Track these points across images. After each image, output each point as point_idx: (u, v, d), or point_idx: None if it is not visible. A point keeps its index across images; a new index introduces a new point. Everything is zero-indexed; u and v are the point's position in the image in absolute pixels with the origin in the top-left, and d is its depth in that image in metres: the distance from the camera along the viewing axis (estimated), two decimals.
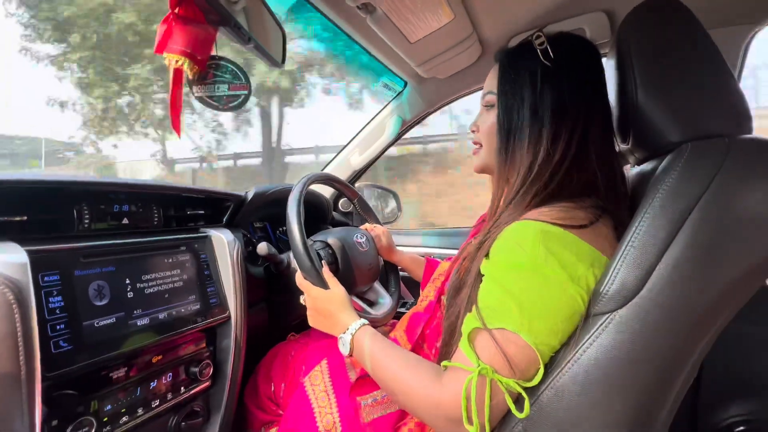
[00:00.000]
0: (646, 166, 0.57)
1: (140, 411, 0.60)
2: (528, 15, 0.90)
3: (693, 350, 0.46)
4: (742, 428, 0.96)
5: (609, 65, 0.61)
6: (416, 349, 0.73)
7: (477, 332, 0.48)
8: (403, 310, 1.26)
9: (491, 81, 0.63)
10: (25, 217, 0.52)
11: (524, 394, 0.45)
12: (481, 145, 0.66)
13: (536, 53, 0.56)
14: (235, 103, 0.64)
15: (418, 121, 1.30)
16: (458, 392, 0.45)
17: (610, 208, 0.54)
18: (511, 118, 0.58)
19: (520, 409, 0.45)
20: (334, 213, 1.36)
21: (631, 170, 0.65)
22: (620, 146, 0.66)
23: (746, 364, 0.96)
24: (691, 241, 0.43)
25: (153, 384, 0.62)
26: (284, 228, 1.17)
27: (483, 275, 0.52)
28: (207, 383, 0.72)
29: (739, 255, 0.43)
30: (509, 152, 0.58)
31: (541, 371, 0.45)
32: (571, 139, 0.55)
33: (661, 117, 0.50)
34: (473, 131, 0.68)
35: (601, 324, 0.45)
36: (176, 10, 0.54)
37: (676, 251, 0.43)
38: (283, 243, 1.14)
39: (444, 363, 0.50)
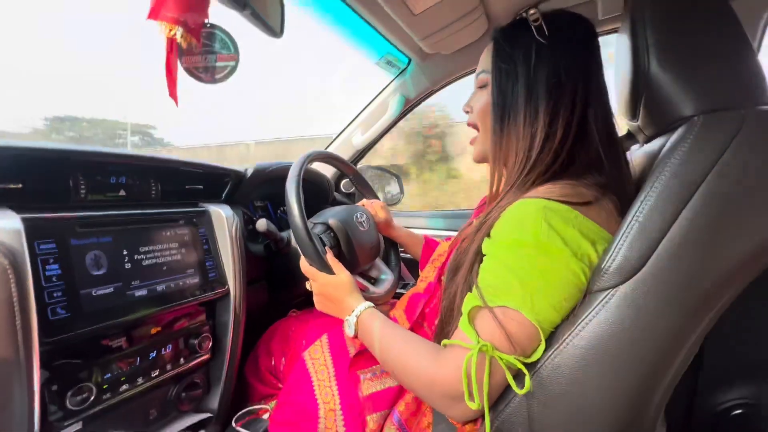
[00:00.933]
0: (654, 144, 0.55)
1: (140, 380, 0.61)
2: None
3: (695, 328, 0.45)
4: (739, 411, 0.97)
5: (621, 39, 0.58)
6: (415, 327, 0.73)
7: (477, 310, 0.47)
8: (403, 291, 1.26)
9: (486, 59, 0.61)
10: (20, 185, 0.52)
11: (524, 370, 0.45)
12: (479, 130, 0.65)
13: (531, 30, 0.54)
14: (222, 74, 0.62)
15: (422, 99, 1.27)
16: (458, 369, 0.45)
17: (614, 185, 0.52)
18: (506, 96, 0.56)
19: (521, 385, 0.45)
20: (335, 194, 1.35)
21: (638, 150, 0.63)
22: (629, 123, 0.64)
23: (749, 347, 0.96)
24: (699, 215, 0.41)
25: (152, 354, 0.63)
26: (286, 208, 1.16)
27: (484, 255, 0.51)
28: (206, 356, 0.72)
29: (749, 229, 0.41)
30: (504, 132, 0.56)
31: (542, 347, 0.45)
32: (571, 116, 0.53)
33: (674, 89, 0.48)
34: (467, 111, 0.66)
35: (602, 300, 0.44)
36: None
37: (683, 226, 0.42)
38: (284, 222, 1.14)
39: (444, 342, 0.50)
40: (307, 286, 0.71)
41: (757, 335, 0.94)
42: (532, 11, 0.55)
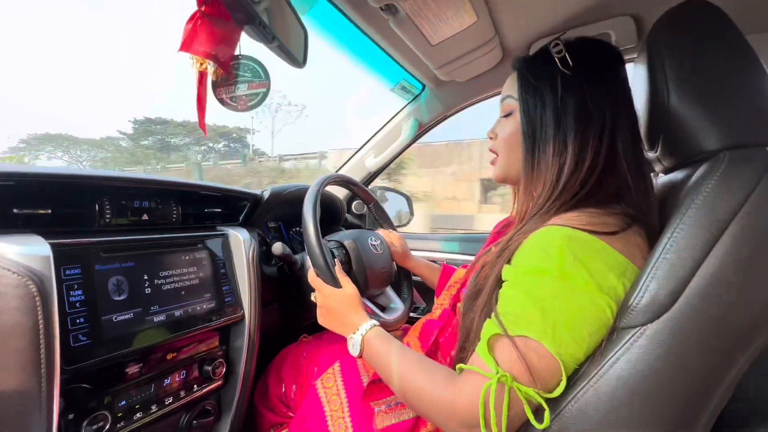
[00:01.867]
0: (677, 175, 0.55)
1: (154, 408, 0.60)
2: (551, 19, 0.88)
3: (729, 369, 0.44)
4: None
5: (637, 70, 0.59)
6: (429, 356, 0.72)
7: (497, 338, 0.46)
8: (414, 315, 1.24)
9: (511, 87, 0.62)
10: (49, 210, 0.53)
11: (545, 405, 0.43)
12: (498, 154, 0.65)
13: (555, 61, 0.55)
14: (253, 102, 0.64)
15: (435, 124, 1.29)
16: (475, 397, 0.44)
17: (641, 215, 0.52)
18: (535, 128, 0.56)
19: (540, 420, 0.43)
20: (347, 215, 1.36)
21: (659, 179, 0.63)
22: (648, 153, 0.64)
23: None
24: (730, 254, 0.41)
25: (167, 381, 0.62)
26: (298, 228, 1.17)
27: (504, 281, 0.50)
28: (219, 382, 0.71)
29: None
30: (535, 162, 0.56)
31: (564, 383, 0.44)
32: (600, 145, 0.53)
33: (696, 123, 0.48)
34: (490, 138, 0.67)
35: (630, 338, 0.43)
36: (203, 8, 0.54)
37: (713, 264, 0.41)
38: (296, 243, 1.14)
39: (459, 366, 0.49)
40: (312, 298, 0.70)
41: None
42: (554, 44, 0.56)
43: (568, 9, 0.86)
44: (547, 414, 0.43)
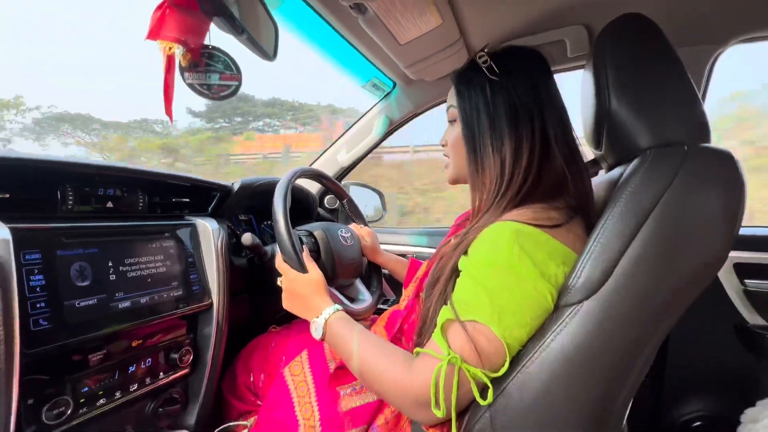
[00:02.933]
0: (615, 172, 0.61)
1: (118, 394, 0.60)
2: (512, 25, 0.94)
3: (649, 340, 0.50)
4: (698, 423, 1.03)
5: (586, 76, 0.65)
6: (394, 342, 0.75)
7: (450, 323, 0.50)
8: (384, 307, 1.28)
9: (451, 96, 0.68)
10: (7, 195, 0.52)
11: (489, 384, 0.48)
12: (450, 158, 0.70)
13: (482, 69, 0.60)
14: (226, 92, 0.65)
15: (405, 121, 1.33)
16: (428, 378, 0.48)
17: (581, 208, 0.57)
18: (473, 131, 0.62)
19: (485, 397, 0.48)
20: (319, 209, 1.37)
21: (603, 176, 0.69)
22: (594, 152, 0.70)
23: (705, 362, 1.03)
24: (651, 238, 0.46)
25: (132, 368, 0.62)
26: (269, 222, 1.17)
27: (460, 271, 0.54)
28: (186, 370, 0.72)
29: (691, 253, 0.47)
30: (478, 162, 0.61)
31: (507, 363, 0.48)
32: (533, 140, 0.58)
33: (631, 124, 0.54)
34: (443, 145, 0.72)
35: (568, 315, 0.48)
36: None
37: (637, 248, 0.47)
38: (267, 236, 1.15)
39: (416, 350, 0.53)
40: (278, 282, 0.71)
41: (713, 353, 1.02)
42: (480, 54, 0.62)
43: (527, 16, 0.91)
44: (490, 392, 0.47)
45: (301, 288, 0.67)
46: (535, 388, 0.48)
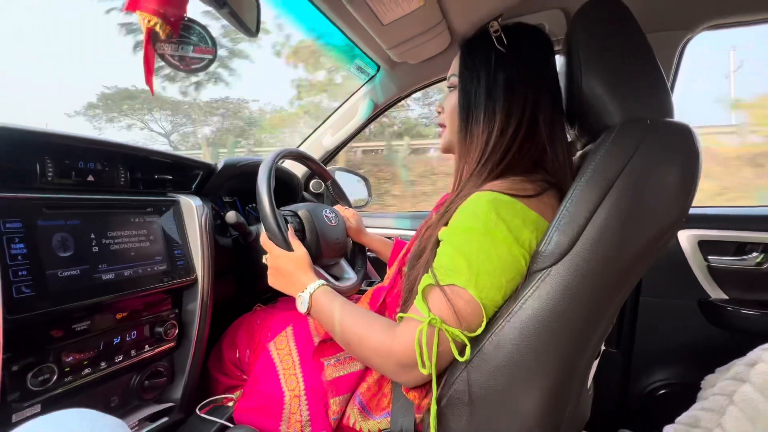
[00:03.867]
0: (588, 148, 0.64)
1: (103, 365, 0.60)
2: (494, 8, 0.96)
3: (611, 302, 0.54)
4: (664, 391, 1.09)
5: (561, 58, 0.67)
6: None
7: (430, 288, 0.53)
8: (368, 288, 1.30)
9: (455, 65, 0.68)
10: None
11: (467, 342, 0.51)
12: (445, 126, 0.71)
13: (492, 40, 0.62)
14: (199, 65, 0.65)
15: (390, 105, 1.34)
16: (410, 340, 0.50)
17: (557, 181, 0.60)
18: (469, 98, 0.63)
19: (462, 354, 0.51)
20: (304, 193, 1.38)
21: (577, 154, 0.72)
22: (569, 132, 0.73)
23: (671, 335, 1.09)
24: (614, 206, 0.49)
25: (117, 340, 0.63)
26: (254, 204, 1.17)
27: (440, 240, 0.57)
28: (171, 343, 0.73)
29: (650, 220, 0.50)
30: (468, 130, 0.63)
31: (484, 323, 0.51)
32: (522, 116, 0.60)
33: (601, 102, 0.57)
34: (439, 112, 0.73)
35: (539, 279, 0.51)
36: None
37: (602, 215, 0.50)
38: (252, 218, 1.15)
39: (399, 315, 0.55)
40: (264, 260, 0.73)
41: (679, 326, 1.08)
42: (491, 23, 0.63)
43: (507, 0, 0.93)
44: (468, 349, 0.50)
45: (286, 265, 0.68)
46: (507, 348, 0.51)
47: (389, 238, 1.11)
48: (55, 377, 0.53)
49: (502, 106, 0.60)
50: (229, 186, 1.02)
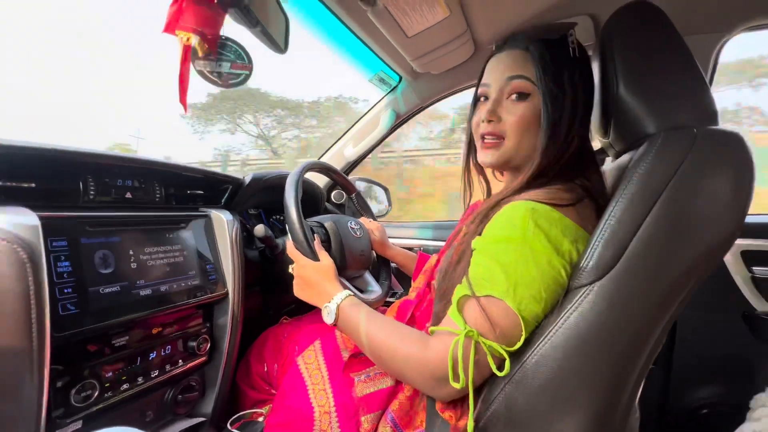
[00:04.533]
0: (623, 158, 0.62)
1: (140, 380, 0.61)
2: (519, 17, 0.95)
3: (660, 320, 0.51)
4: (707, 411, 1.04)
5: (593, 65, 0.66)
6: None
7: (465, 300, 0.51)
8: (392, 300, 1.29)
9: (521, 66, 0.60)
10: (33, 185, 0.54)
11: (506, 356, 0.49)
12: (504, 138, 0.62)
13: (569, 50, 0.60)
14: (236, 80, 0.66)
15: (412, 115, 1.34)
16: (445, 352, 0.49)
17: (593, 189, 0.58)
18: (560, 113, 0.58)
19: (501, 369, 0.49)
20: (326, 204, 1.39)
21: (610, 163, 0.70)
22: (601, 140, 0.71)
23: (714, 350, 1.04)
24: (662, 220, 0.47)
25: (152, 355, 0.64)
26: (278, 216, 1.19)
27: (474, 250, 0.55)
28: (204, 358, 0.73)
29: (702, 234, 0.48)
30: (548, 142, 0.58)
31: (524, 337, 0.49)
32: (581, 130, 0.61)
33: (639, 110, 0.55)
34: (491, 120, 0.61)
35: (582, 295, 0.49)
36: None
37: (648, 229, 0.47)
38: (277, 230, 1.16)
39: (432, 328, 0.54)
40: (290, 269, 0.72)
41: (721, 340, 1.02)
42: (571, 32, 0.61)
43: (533, 7, 0.92)
44: (508, 363, 0.48)
45: (313, 275, 0.68)
46: (549, 367, 0.49)
47: (411, 249, 1.10)
48: (97, 393, 0.54)
49: (581, 121, 0.60)
50: (254, 199, 1.04)
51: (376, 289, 0.95)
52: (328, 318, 0.64)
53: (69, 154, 0.56)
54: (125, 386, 0.59)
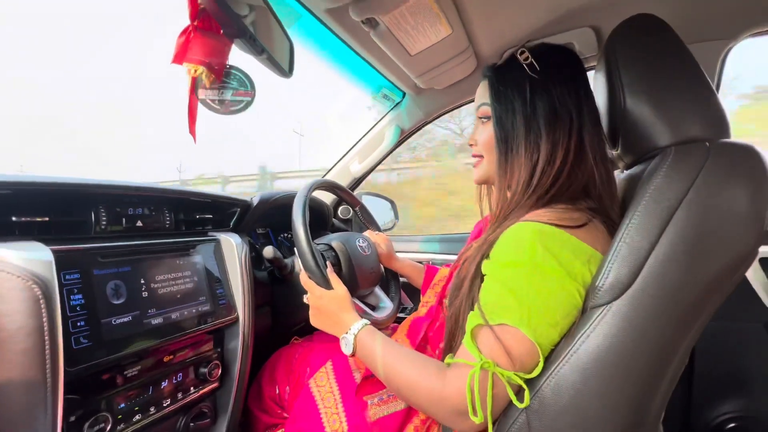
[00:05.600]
0: (635, 170, 0.61)
1: (152, 410, 0.61)
2: (521, 31, 0.95)
3: (682, 339, 0.49)
4: (733, 425, 1.00)
5: (598, 77, 0.65)
6: (419, 350, 0.75)
7: (479, 329, 0.50)
8: (402, 315, 1.28)
9: (483, 94, 0.65)
10: (47, 218, 0.54)
11: (524, 386, 0.47)
12: (482, 157, 0.68)
13: (522, 67, 0.60)
14: (237, 107, 0.67)
15: (416, 130, 1.34)
16: (462, 386, 0.47)
17: (603, 208, 0.57)
18: (507, 131, 0.60)
19: (521, 399, 0.48)
20: (334, 220, 1.39)
21: (621, 175, 0.69)
22: (611, 152, 0.70)
23: (736, 362, 1.00)
24: (678, 237, 0.46)
25: (164, 383, 0.64)
26: (287, 234, 1.19)
27: (484, 275, 0.54)
28: (215, 384, 0.73)
29: (720, 250, 0.46)
30: (508, 163, 0.60)
31: (541, 364, 0.48)
32: (569, 142, 0.58)
33: (648, 123, 0.54)
34: (471, 145, 0.70)
35: (598, 316, 0.48)
36: (195, 23, 0.57)
37: (665, 246, 0.46)
38: (285, 249, 1.16)
39: (447, 360, 0.53)
40: (305, 299, 0.72)
41: (743, 352, 0.99)
42: (521, 51, 0.60)
43: (534, 21, 0.93)
44: (526, 394, 0.47)
45: (328, 305, 0.68)
46: (568, 390, 0.47)
47: (420, 262, 1.10)
48: (110, 425, 0.54)
49: (545, 136, 0.58)
50: (262, 219, 1.04)
51: (387, 305, 0.94)
52: (346, 349, 0.63)
53: (80, 186, 0.57)
54: (138, 417, 0.59)
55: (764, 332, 0.96)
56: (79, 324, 0.50)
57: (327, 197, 1.36)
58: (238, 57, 0.67)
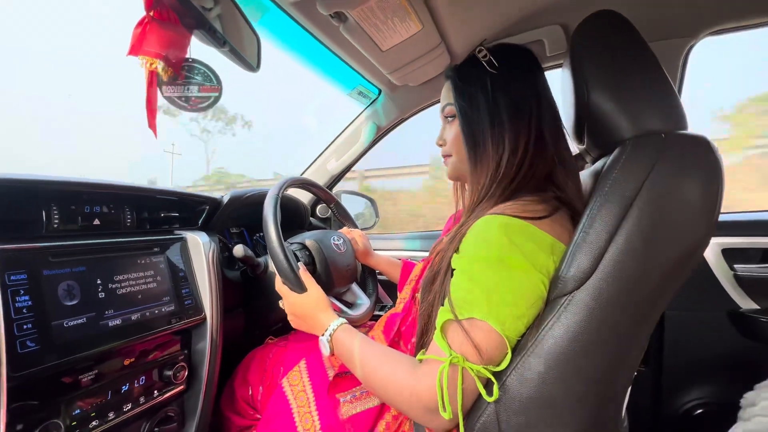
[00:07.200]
0: (598, 164, 0.62)
1: (111, 415, 0.58)
2: (491, 28, 0.96)
3: (641, 326, 0.50)
4: (701, 411, 1.03)
5: (565, 73, 0.66)
6: (393, 345, 0.75)
7: (449, 324, 0.50)
8: (381, 312, 1.27)
9: (447, 94, 0.68)
10: None
11: (493, 379, 0.48)
12: (451, 156, 0.70)
13: (482, 64, 0.62)
14: (205, 104, 0.65)
15: (393, 127, 1.34)
16: (433, 383, 0.47)
17: (567, 199, 0.58)
18: (473, 125, 0.62)
19: (490, 393, 0.48)
20: (311, 219, 1.37)
21: (588, 169, 0.70)
22: (577, 147, 0.72)
23: (702, 350, 1.04)
24: (635, 226, 0.47)
25: (125, 387, 0.61)
26: (262, 234, 1.17)
27: (454, 269, 0.55)
28: (181, 387, 0.70)
29: (676, 237, 0.48)
30: (477, 156, 0.62)
31: (509, 356, 0.48)
32: (529, 133, 0.60)
33: (610, 116, 0.55)
34: (440, 145, 0.72)
35: (561, 305, 0.48)
36: (151, 13, 0.55)
37: (623, 235, 0.47)
38: (260, 248, 1.14)
39: (419, 357, 0.53)
40: (281, 305, 0.71)
41: (709, 340, 1.02)
42: (479, 49, 0.63)
43: (505, 18, 0.94)
44: (495, 387, 0.47)
45: (303, 308, 0.67)
46: (533, 380, 0.48)
47: (398, 259, 1.09)
48: None
49: (509, 127, 0.60)
50: (236, 218, 1.02)
51: (364, 302, 0.93)
52: (324, 350, 0.63)
53: (29, 183, 0.54)
54: (95, 423, 0.56)
55: (727, 321, 0.99)
56: (25, 327, 0.48)
57: (305, 197, 1.35)
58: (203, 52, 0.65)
